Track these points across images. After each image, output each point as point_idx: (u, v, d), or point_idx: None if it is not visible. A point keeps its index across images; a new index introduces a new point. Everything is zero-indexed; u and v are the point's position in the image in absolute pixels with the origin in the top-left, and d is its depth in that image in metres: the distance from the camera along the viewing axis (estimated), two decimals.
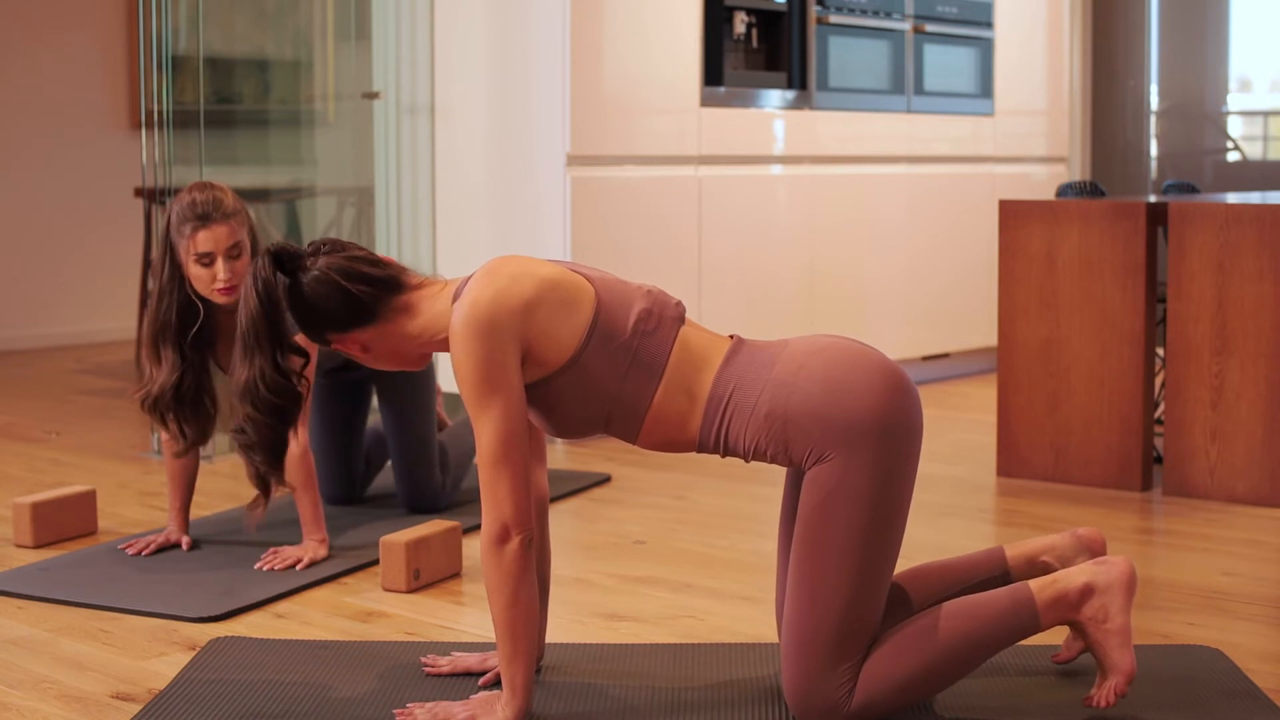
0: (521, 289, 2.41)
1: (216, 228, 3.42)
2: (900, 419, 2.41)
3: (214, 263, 3.42)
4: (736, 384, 2.45)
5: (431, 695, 2.62)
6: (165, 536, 3.67)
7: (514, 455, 2.38)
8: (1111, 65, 7.32)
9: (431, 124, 5.47)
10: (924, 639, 2.44)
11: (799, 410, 2.40)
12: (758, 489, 4.40)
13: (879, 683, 2.42)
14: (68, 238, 7.77)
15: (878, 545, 2.41)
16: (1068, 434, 4.45)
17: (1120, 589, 2.47)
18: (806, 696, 2.42)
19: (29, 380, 6.68)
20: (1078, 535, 2.69)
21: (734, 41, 5.70)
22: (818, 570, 2.40)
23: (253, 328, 2.49)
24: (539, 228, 5.14)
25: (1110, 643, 2.47)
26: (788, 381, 2.42)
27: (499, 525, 2.39)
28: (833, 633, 2.40)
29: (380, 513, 4.04)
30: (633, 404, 2.46)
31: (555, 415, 2.49)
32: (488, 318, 2.38)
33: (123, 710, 2.62)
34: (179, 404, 3.49)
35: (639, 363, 2.45)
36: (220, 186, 3.50)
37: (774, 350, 2.48)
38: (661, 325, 2.48)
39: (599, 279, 2.50)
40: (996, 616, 2.46)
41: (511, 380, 2.39)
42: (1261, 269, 4.15)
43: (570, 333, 2.43)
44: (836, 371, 2.42)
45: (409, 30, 5.49)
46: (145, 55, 4.91)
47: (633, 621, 3.13)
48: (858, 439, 2.38)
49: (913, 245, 6.36)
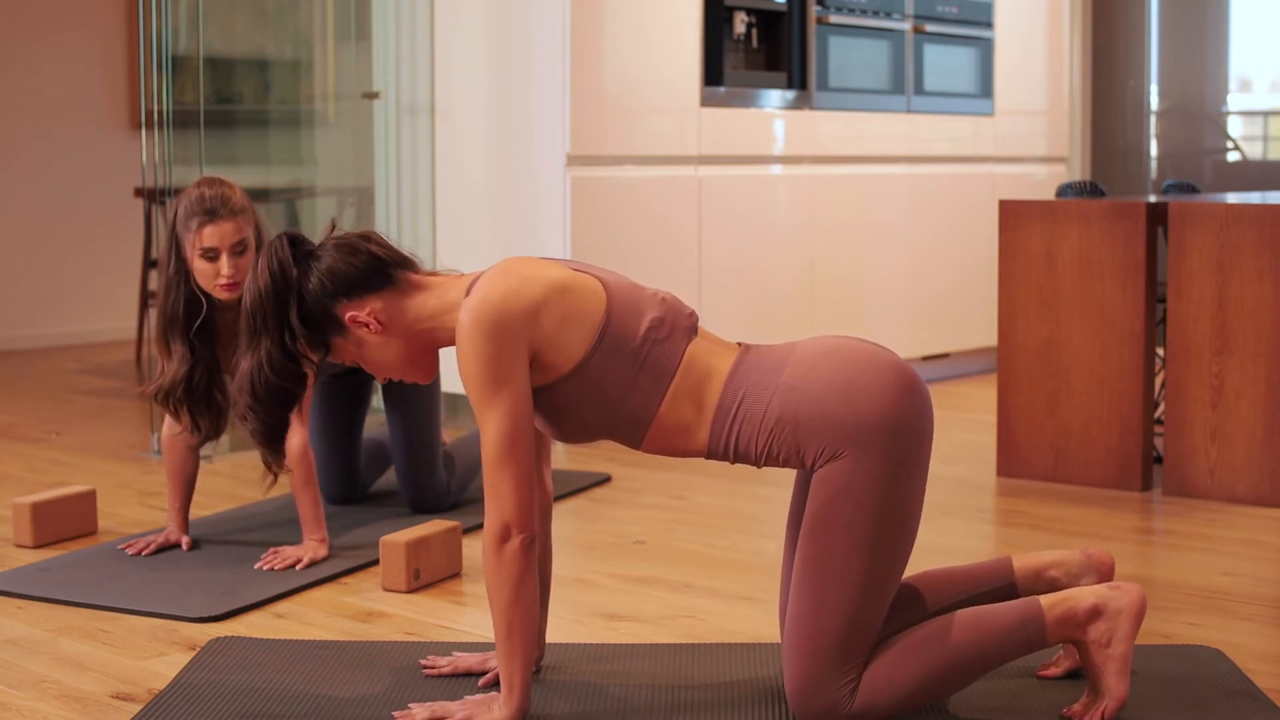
0: (532, 291, 2.40)
1: (223, 224, 3.43)
2: (911, 419, 2.40)
3: (218, 258, 3.43)
4: (746, 392, 2.44)
5: (431, 695, 2.62)
6: (165, 536, 3.67)
7: (518, 454, 2.38)
8: (1111, 65, 7.32)
9: (431, 124, 5.47)
10: (931, 646, 2.43)
11: (809, 414, 2.40)
12: (758, 489, 4.40)
13: (882, 686, 2.41)
14: (68, 238, 7.77)
15: (885, 547, 2.40)
16: (1068, 434, 4.45)
17: (1129, 616, 2.46)
18: (808, 697, 2.41)
19: (29, 380, 6.68)
20: (1088, 554, 2.69)
21: (734, 41, 5.70)
22: (824, 569, 2.40)
23: (260, 308, 2.48)
24: (539, 228, 5.14)
25: (1109, 668, 2.46)
26: (797, 386, 2.41)
27: (500, 524, 2.39)
28: (837, 633, 2.39)
29: (381, 512, 4.04)
30: (639, 411, 2.45)
31: (560, 420, 2.48)
32: (496, 316, 2.37)
33: (123, 710, 2.62)
34: (190, 397, 3.50)
35: (647, 370, 2.44)
36: (228, 183, 3.51)
37: (781, 355, 2.47)
38: (674, 335, 2.47)
39: (613, 284, 2.49)
40: (1005, 630, 2.45)
41: (518, 380, 2.38)
42: (1261, 269, 4.15)
43: (579, 339, 2.42)
44: (846, 373, 2.41)
45: (409, 30, 5.49)
46: (145, 55, 4.91)
47: (633, 621, 3.13)
48: (868, 439, 2.37)
49: (913, 245, 6.36)
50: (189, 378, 3.49)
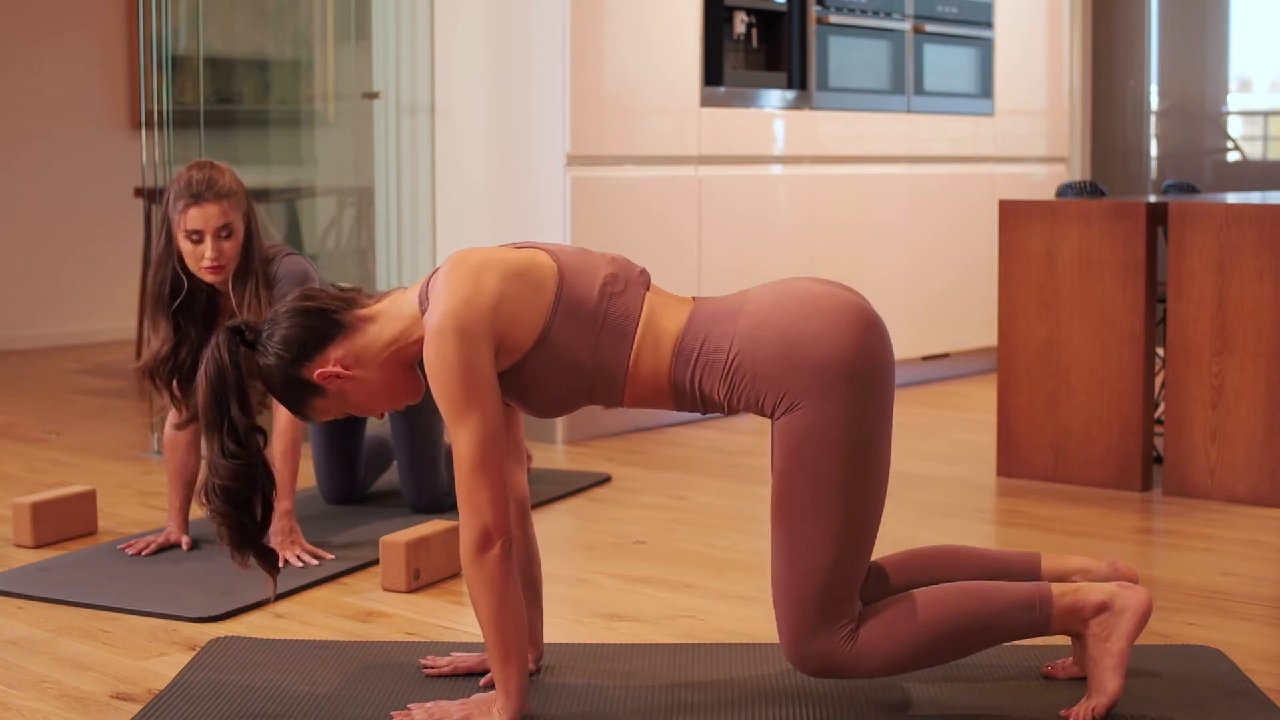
0: (488, 285, 2.41)
1: (207, 206, 3.44)
2: (868, 361, 2.39)
3: (203, 240, 3.45)
4: (705, 337, 2.44)
5: (431, 695, 2.62)
6: (165, 536, 3.67)
7: (492, 460, 2.38)
8: (1111, 65, 7.32)
9: (431, 124, 5.47)
10: (935, 606, 2.43)
11: (765, 364, 2.40)
12: (758, 489, 4.40)
13: (879, 637, 2.41)
14: (68, 238, 7.77)
15: (857, 490, 2.39)
16: (1068, 434, 4.45)
17: (1133, 615, 2.46)
18: (800, 644, 2.41)
19: (29, 380, 6.68)
20: (1115, 566, 2.69)
21: (734, 41, 5.70)
22: (796, 519, 2.39)
23: (206, 411, 2.47)
24: (539, 228, 5.14)
25: (1105, 662, 2.47)
26: (752, 335, 2.42)
27: (479, 531, 2.39)
28: (818, 581, 2.39)
29: (382, 513, 4.04)
30: (611, 368, 2.46)
31: (536, 396, 2.49)
32: (459, 325, 2.37)
33: (123, 710, 2.62)
34: (175, 375, 3.52)
35: (609, 327, 2.45)
36: (219, 166, 3.52)
37: (735, 303, 2.48)
38: (629, 288, 2.48)
39: (559, 251, 2.51)
40: (1013, 605, 2.46)
41: (487, 385, 2.39)
42: (1261, 269, 4.15)
43: (537, 312, 2.43)
44: (799, 318, 2.41)
45: (409, 30, 5.49)
46: (145, 55, 4.91)
47: (633, 621, 3.13)
48: (825, 386, 2.37)
49: (913, 245, 6.36)
50: (173, 355, 3.51)
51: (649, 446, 5.05)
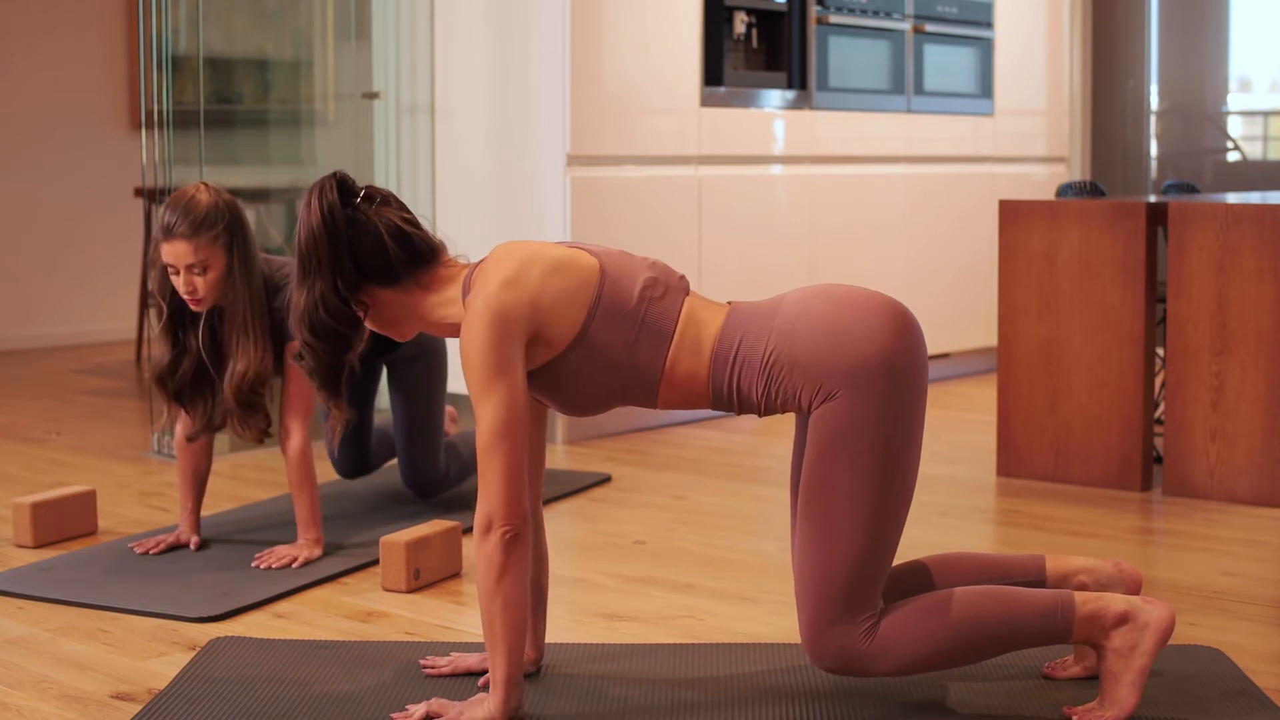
0: (531, 276, 2.45)
1: (177, 244, 3.38)
2: (905, 357, 2.42)
3: (179, 274, 3.41)
4: (743, 336, 2.47)
5: (431, 695, 2.62)
6: (175, 536, 3.67)
7: (509, 443, 2.39)
8: (1111, 65, 7.32)
9: (431, 124, 5.47)
10: (957, 608, 2.43)
11: (804, 355, 2.42)
12: (758, 489, 4.40)
13: (899, 636, 2.41)
14: (68, 238, 7.77)
15: (888, 486, 2.40)
16: (1068, 434, 4.45)
17: (1155, 631, 2.45)
18: (820, 637, 2.41)
19: (29, 380, 6.68)
20: (1120, 567, 2.69)
21: (734, 41, 5.70)
22: (827, 509, 2.40)
23: (314, 249, 2.53)
24: (539, 227, 5.14)
25: (1125, 678, 2.45)
26: (790, 329, 2.44)
27: (484, 515, 2.41)
28: (844, 574, 2.39)
29: (382, 513, 4.03)
30: (647, 370, 2.48)
31: (569, 393, 2.51)
32: (498, 311, 2.42)
33: (123, 710, 2.62)
34: (177, 386, 3.53)
35: (648, 329, 2.48)
36: (198, 199, 3.41)
37: (771, 305, 2.52)
38: (669, 293, 2.51)
39: (602, 253, 2.54)
40: (1034, 612, 2.45)
41: (516, 371, 2.42)
42: (1261, 269, 4.15)
43: (577, 309, 2.46)
44: (838, 313, 2.44)
45: (409, 30, 5.49)
46: (145, 55, 4.91)
47: (633, 621, 3.13)
48: (863, 378, 2.39)
49: (913, 245, 6.36)
50: (174, 367, 3.52)
51: (649, 446, 5.05)
